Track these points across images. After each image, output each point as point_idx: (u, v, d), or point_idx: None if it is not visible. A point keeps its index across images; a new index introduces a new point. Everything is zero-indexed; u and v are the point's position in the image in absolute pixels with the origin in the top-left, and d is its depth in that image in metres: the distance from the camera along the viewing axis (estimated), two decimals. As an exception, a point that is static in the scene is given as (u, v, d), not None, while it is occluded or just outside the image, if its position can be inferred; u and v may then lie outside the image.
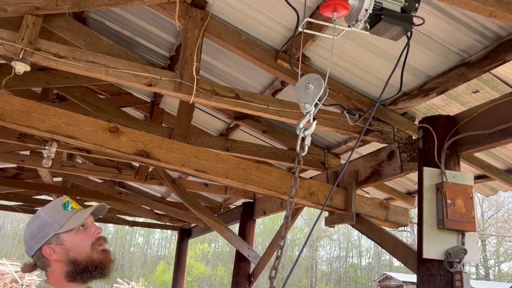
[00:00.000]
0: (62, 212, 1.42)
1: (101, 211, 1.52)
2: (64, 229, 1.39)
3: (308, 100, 1.30)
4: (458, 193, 2.22)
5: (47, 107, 2.62)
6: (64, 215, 1.42)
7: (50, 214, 1.42)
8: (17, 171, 6.55)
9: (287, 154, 3.97)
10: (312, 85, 1.29)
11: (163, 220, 8.45)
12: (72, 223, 1.40)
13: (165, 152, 2.83)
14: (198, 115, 4.22)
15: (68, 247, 1.39)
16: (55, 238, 1.39)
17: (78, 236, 1.41)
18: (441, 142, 2.41)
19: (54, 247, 1.38)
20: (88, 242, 1.42)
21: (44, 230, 1.39)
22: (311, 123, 1.30)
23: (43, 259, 1.40)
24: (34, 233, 1.40)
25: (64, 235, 1.39)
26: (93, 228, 1.46)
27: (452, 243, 2.17)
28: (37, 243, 1.39)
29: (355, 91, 2.89)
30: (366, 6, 1.24)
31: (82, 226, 1.43)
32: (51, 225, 1.40)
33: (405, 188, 4.14)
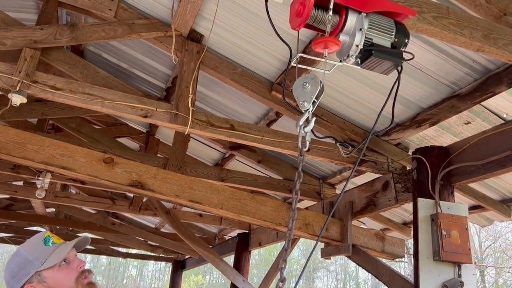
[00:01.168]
0: (42, 248, 1.38)
1: (84, 243, 1.48)
2: (46, 265, 1.34)
3: (306, 98, 1.32)
4: (453, 225, 2.21)
5: (42, 138, 2.62)
6: (44, 251, 1.37)
7: (30, 251, 1.38)
8: (10, 202, 6.48)
9: (282, 184, 3.97)
10: (308, 84, 1.32)
11: (157, 252, 8.32)
12: (53, 259, 1.36)
13: (159, 183, 2.82)
14: (193, 145, 4.23)
15: (50, 284, 1.34)
16: (36, 276, 1.33)
17: (60, 272, 1.36)
18: (434, 173, 2.42)
19: (36, 286, 1.33)
20: (71, 277, 1.37)
21: (24, 268, 1.34)
22: (310, 120, 1.34)
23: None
24: (15, 272, 1.35)
25: (46, 272, 1.34)
26: (76, 262, 1.41)
27: (448, 275, 2.15)
28: (18, 282, 1.34)
29: (348, 122, 2.93)
30: (356, 42, 1.27)
31: (65, 261, 1.39)
32: (32, 262, 1.34)
33: (401, 218, 4.12)
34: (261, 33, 2.54)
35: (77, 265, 1.40)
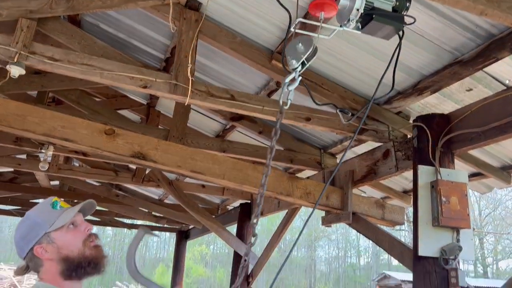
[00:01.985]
0: (51, 211, 1.42)
1: (90, 209, 1.52)
2: (54, 227, 1.39)
3: (296, 57, 1.31)
4: (453, 191, 2.23)
5: (43, 110, 2.62)
6: (53, 214, 1.42)
7: (39, 214, 1.43)
8: (14, 175, 6.54)
9: (283, 155, 3.98)
10: (302, 44, 1.31)
11: (161, 222, 8.45)
12: (61, 220, 1.41)
13: (161, 154, 2.83)
14: (194, 117, 4.22)
15: (59, 245, 1.39)
16: (45, 237, 1.39)
17: (69, 234, 1.41)
18: (435, 141, 2.43)
19: (45, 246, 1.38)
20: (79, 239, 1.42)
21: (33, 230, 1.39)
22: (296, 79, 1.34)
23: (35, 259, 1.39)
24: (24, 234, 1.40)
25: (55, 233, 1.39)
26: (84, 225, 1.46)
27: (447, 240, 2.18)
28: (28, 244, 1.39)
29: (349, 90, 2.91)
30: (357, 6, 1.25)
31: (72, 224, 1.43)
32: (41, 224, 1.39)
33: (401, 186, 4.16)
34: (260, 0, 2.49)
35: (84, 228, 1.45)
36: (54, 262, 1.38)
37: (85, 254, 1.40)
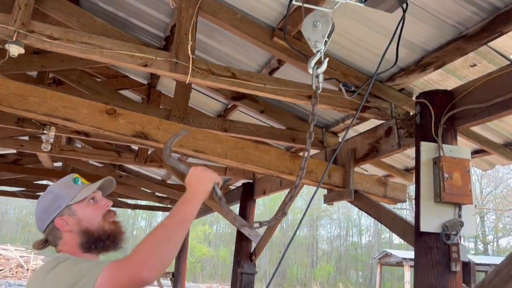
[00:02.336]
0: (72, 186, 1.48)
1: (110, 187, 1.58)
2: (75, 200, 1.44)
3: (318, 38, 1.30)
4: (455, 167, 2.23)
5: (43, 90, 2.61)
6: (74, 188, 1.47)
7: (61, 188, 1.48)
8: (17, 157, 6.57)
9: (285, 134, 3.98)
10: (319, 23, 1.28)
11: (165, 203, 8.52)
12: (82, 194, 1.46)
13: (163, 133, 2.83)
14: (195, 97, 4.20)
15: (80, 217, 1.43)
16: (67, 209, 1.43)
17: (89, 208, 1.46)
18: (438, 117, 2.41)
19: (66, 219, 1.43)
20: (99, 213, 1.47)
21: (55, 202, 1.44)
22: (323, 60, 1.32)
23: (55, 231, 1.43)
24: (46, 207, 1.45)
25: (76, 206, 1.44)
26: (103, 201, 1.51)
27: (449, 216, 2.19)
28: (49, 215, 1.43)
29: (352, 67, 2.88)
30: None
31: (93, 199, 1.48)
32: (62, 197, 1.44)
33: (403, 164, 4.16)
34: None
35: (104, 203, 1.51)
36: (74, 234, 1.43)
37: (105, 228, 1.45)
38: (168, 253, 1.26)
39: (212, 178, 1.53)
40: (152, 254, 1.22)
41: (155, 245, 1.24)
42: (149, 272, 1.19)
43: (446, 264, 2.13)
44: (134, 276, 1.20)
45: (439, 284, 2.12)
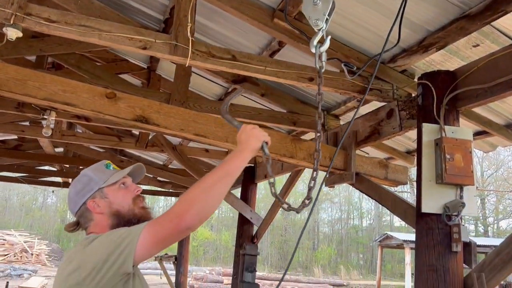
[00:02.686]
0: (104, 171, 1.56)
1: (140, 174, 1.65)
2: (107, 183, 1.51)
3: (319, 16, 1.28)
4: (457, 148, 2.22)
5: (42, 74, 2.59)
6: (106, 172, 1.55)
7: (94, 172, 1.55)
8: (18, 143, 6.58)
9: (286, 117, 3.96)
10: (319, 1, 1.27)
11: (166, 188, 8.55)
12: (114, 178, 1.53)
13: (164, 117, 2.82)
14: (195, 80, 4.18)
15: (111, 200, 1.50)
16: (98, 192, 1.50)
17: (120, 191, 1.52)
18: (440, 98, 2.39)
19: (98, 201, 1.49)
20: (129, 197, 1.53)
21: (88, 185, 1.51)
22: (325, 39, 1.31)
23: (87, 213, 1.50)
24: (79, 190, 1.52)
25: (107, 189, 1.51)
26: (134, 187, 1.57)
27: (450, 197, 2.19)
28: (82, 198, 1.50)
29: (353, 49, 2.85)
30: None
31: (123, 184, 1.55)
32: (95, 180, 1.51)
33: (405, 147, 4.15)
34: (260, -45, 2.40)
35: (134, 188, 1.57)
36: (105, 216, 1.49)
37: (135, 211, 1.50)
38: (209, 204, 1.33)
39: (261, 137, 1.60)
40: (193, 203, 1.30)
41: (197, 195, 1.32)
42: (190, 221, 1.27)
43: (447, 244, 2.14)
44: (176, 225, 1.27)
45: (440, 264, 2.13)
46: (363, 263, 32.07)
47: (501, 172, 30.58)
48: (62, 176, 8.09)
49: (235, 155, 1.51)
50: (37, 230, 30.78)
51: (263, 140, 1.60)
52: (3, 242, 18.39)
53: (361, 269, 29.05)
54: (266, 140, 1.61)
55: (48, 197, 37.57)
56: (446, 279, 2.11)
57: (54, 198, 36.99)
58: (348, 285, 19.28)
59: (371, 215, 35.91)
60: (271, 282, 16.85)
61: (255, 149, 1.57)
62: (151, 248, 1.29)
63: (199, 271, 18.82)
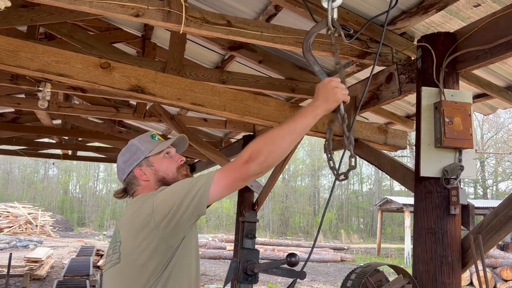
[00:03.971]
0: (150, 141, 1.64)
1: (184, 145, 1.72)
2: (153, 153, 1.60)
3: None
4: (457, 111, 2.20)
5: (34, 45, 2.54)
6: (152, 143, 1.63)
7: (141, 142, 1.64)
8: (16, 115, 6.55)
9: (285, 84, 3.91)
10: None
11: (166, 157, 8.57)
12: (159, 147, 1.62)
13: (160, 87, 2.79)
14: (191, 48, 4.11)
15: (156, 168, 1.59)
16: (145, 161, 1.59)
17: (165, 160, 1.61)
18: (440, 61, 2.35)
19: (145, 169, 1.58)
20: (174, 166, 1.62)
21: (135, 154, 1.60)
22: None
23: (134, 180, 1.59)
24: (127, 158, 1.61)
25: (153, 158, 1.60)
26: (177, 157, 1.66)
27: (449, 160, 2.19)
28: (129, 166, 1.59)
29: (351, 12, 2.77)
30: None
31: (168, 154, 1.63)
32: (142, 150, 1.60)
33: (404, 111, 4.13)
34: None
35: (178, 158, 1.66)
36: (151, 183, 1.58)
37: (178, 178, 1.58)
38: (274, 156, 1.40)
39: (341, 97, 1.57)
40: (259, 154, 1.38)
41: (264, 147, 1.40)
42: (255, 169, 1.38)
43: (445, 207, 2.16)
44: (244, 173, 1.38)
45: (438, 227, 2.16)
46: (363, 227, 32.65)
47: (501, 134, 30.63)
48: (61, 148, 8.09)
49: (309, 110, 1.50)
50: (40, 202, 31.16)
51: (342, 100, 1.57)
52: (7, 215, 18.65)
53: (362, 233, 29.61)
54: (345, 100, 1.59)
55: (50, 169, 37.83)
56: (444, 241, 2.14)
57: (56, 170, 37.26)
58: (348, 249, 19.71)
59: (371, 180, 36.26)
60: (273, 247, 17.20)
61: (330, 109, 1.56)
62: (222, 191, 1.40)
63: (202, 238, 19.19)
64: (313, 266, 14.16)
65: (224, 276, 10.79)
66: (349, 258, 16.61)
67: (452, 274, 2.12)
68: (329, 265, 15.00)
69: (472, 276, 11.52)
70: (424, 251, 2.19)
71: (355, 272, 1.61)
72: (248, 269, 1.52)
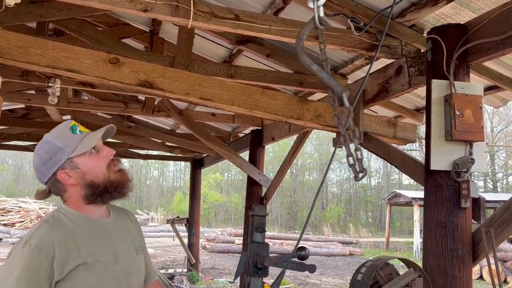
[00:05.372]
0: (71, 136, 1.38)
1: (110, 133, 1.48)
2: (77, 152, 1.36)
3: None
4: (467, 104, 2.18)
5: (44, 41, 2.56)
6: (73, 138, 1.37)
7: (59, 138, 1.38)
8: (26, 111, 6.60)
9: (293, 78, 3.90)
10: None
11: (175, 152, 8.62)
12: (84, 146, 1.37)
13: (168, 82, 2.80)
14: (199, 43, 4.10)
15: (83, 170, 1.36)
16: (68, 162, 1.35)
17: (92, 159, 1.38)
18: (450, 53, 2.32)
19: (69, 172, 1.36)
20: (103, 164, 1.39)
21: (55, 155, 1.35)
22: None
23: (58, 184, 1.38)
24: (45, 159, 1.36)
25: (78, 158, 1.36)
26: (106, 150, 1.42)
27: (459, 154, 2.17)
28: (50, 169, 1.36)
29: (360, 4, 2.75)
30: None
31: (94, 149, 1.39)
32: (62, 149, 1.36)
33: (414, 105, 4.10)
34: None
35: (106, 153, 1.42)
36: (78, 187, 1.37)
37: (111, 178, 1.39)
38: None
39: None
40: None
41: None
42: None
43: (456, 201, 2.14)
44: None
45: (448, 221, 2.15)
46: (372, 221, 32.57)
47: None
48: (72, 143, 8.14)
49: None
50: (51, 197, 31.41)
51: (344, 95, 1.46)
52: (19, 210, 18.89)
53: (370, 227, 29.54)
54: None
55: (60, 165, 38.07)
56: (454, 234, 2.13)
57: (66, 166, 37.48)
58: (357, 243, 19.69)
59: (380, 174, 36.10)
60: (281, 241, 17.24)
61: None
62: None
63: (211, 232, 19.27)
64: (322, 260, 14.18)
65: (233, 270, 10.87)
66: (357, 252, 16.59)
67: (463, 268, 2.11)
68: (337, 259, 15.01)
69: (482, 270, 11.46)
70: (434, 245, 2.18)
71: (365, 265, 1.61)
72: (258, 263, 1.52)
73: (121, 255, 1.39)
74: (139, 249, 1.48)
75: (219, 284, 9.07)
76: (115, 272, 1.34)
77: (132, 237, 1.49)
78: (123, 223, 1.51)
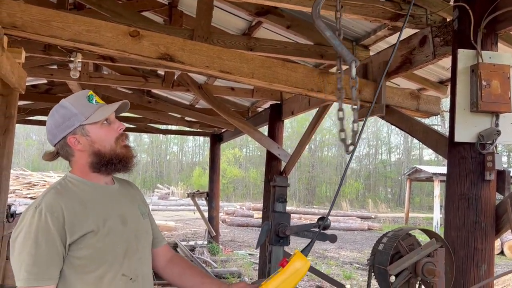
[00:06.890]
0: (87, 104, 1.42)
1: (123, 109, 1.52)
2: (90, 121, 1.40)
3: None
4: (495, 74, 2.11)
5: (65, 14, 2.57)
6: (89, 107, 1.41)
7: (75, 104, 1.41)
8: (48, 86, 6.72)
9: (313, 50, 3.84)
10: None
11: (194, 127, 8.68)
12: (97, 115, 1.41)
13: (188, 54, 2.79)
14: (218, 15, 4.06)
15: (93, 138, 1.41)
16: (80, 128, 1.40)
17: (103, 130, 1.42)
18: (478, 21, 2.24)
19: (79, 138, 1.40)
20: (112, 136, 1.44)
21: (69, 120, 1.40)
22: None
23: (67, 148, 1.43)
24: (59, 122, 1.41)
25: (89, 126, 1.41)
26: (117, 124, 1.46)
27: (485, 125, 2.12)
28: (61, 132, 1.41)
29: (384, -28, 2.67)
30: None
31: (106, 121, 1.44)
32: (76, 115, 1.40)
33: (437, 77, 4.00)
34: None
35: (117, 126, 1.46)
36: (85, 154, 1.42)
37: (116, 151, 1.43)
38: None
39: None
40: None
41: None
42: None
43: (480, 173, 2.11)
44: None
45: (471, 193, 2.12)
46: (391, 196, 32.43)
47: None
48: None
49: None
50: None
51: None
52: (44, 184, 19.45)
53: (389, 203, 29.46)
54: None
55: (82, 140, 38.82)
56: (477, 207, 2.10)
57: (88, 141, 38.21)
58: (376, 218, 19.70)
59: (400, 149, 35.69)
60: (300, 215, 17.38)
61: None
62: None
63: (230, 206, 19.54)
64: (340, 234, 14.26)
65: (252, 243, 11.06)
66: (376, 227, 16.62)
67: (486, 240, 2.10)
68: (356, 233, 15.07)
69: (503, 246, 11.37)
70: (456, 217, 2.17)
71: (387, 235, 1.61)
72: (280, 232, 1.54)
73: (129, 219, 1.45)
74: (145, 214, 1.55)
75: (239, 256, 9.25)
76: (124, 234, 1.40)
77: (137, 203, 1.56)
78: (128, 191, 1.58)
